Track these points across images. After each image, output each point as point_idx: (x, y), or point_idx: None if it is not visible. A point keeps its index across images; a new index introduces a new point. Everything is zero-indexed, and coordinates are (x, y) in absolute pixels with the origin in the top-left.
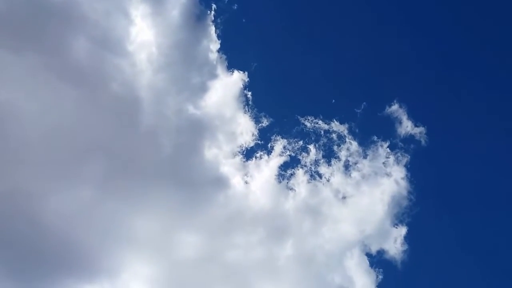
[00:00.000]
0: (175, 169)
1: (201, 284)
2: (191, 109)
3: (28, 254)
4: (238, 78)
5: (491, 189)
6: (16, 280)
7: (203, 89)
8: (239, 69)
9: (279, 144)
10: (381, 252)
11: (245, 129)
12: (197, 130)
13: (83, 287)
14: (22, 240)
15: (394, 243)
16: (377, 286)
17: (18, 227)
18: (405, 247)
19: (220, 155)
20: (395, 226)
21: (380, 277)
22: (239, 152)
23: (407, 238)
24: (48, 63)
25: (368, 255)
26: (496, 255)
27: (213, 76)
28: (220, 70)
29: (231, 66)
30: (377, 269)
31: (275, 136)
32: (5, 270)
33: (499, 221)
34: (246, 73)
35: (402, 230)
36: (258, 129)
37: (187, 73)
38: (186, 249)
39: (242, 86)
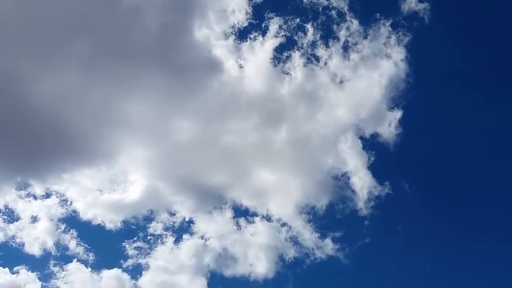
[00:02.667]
0: (164, 51)
1: (197, 168)
2: None
3: (22, 139)
4: None
5: (495, 73)
6: (13, 165)
7: None
8: None
9: (274, 23)
10: (374, 136)
11: (237, 6)
12: (184, 7)
13: (81, 170)
14: (13, 124)
15: (388, 127)
16: (368, 167)
17: (6, 110)
18: (399, 130)
19: (212, 36)
20: (391, 109)
21: (372, 159)
22: (231, 33)
23: (402, 122)
24: None
25: (362, 138)
26: (492, 138)
27: None
28: None
29: None
30: (369, 152)
31: (269, 13)
32: (1, 156)
33: (500, 106)
34: None
35: (397, 114)
36: (252, 6)
37: None
38: (181, 133)
39: None
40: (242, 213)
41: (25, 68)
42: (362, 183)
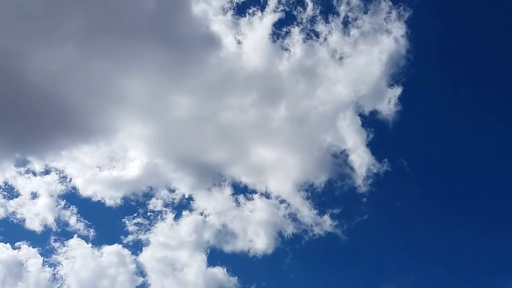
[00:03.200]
0: (161, 26)
1: (196, 145)
2: None
3: (19, 115)
4: None
5: (498, 48)
6: (12, 142)
7: None
8: None
9: None
10: (374, 113)
11: None
12: None
13: (79, 147)
14: (10, 100)
15: (388, 104)
16: (366, 145)
17: (3, 87)
18: (399, 107)
19: (210, 11)
20: (391, 86)
21: (371, 136)
22: (230, 7)
23: (402, 99)
24: None
25: (361, 115)
26: (493, 115)
27: None
28: None
29: None
30: (368, 129)
31: None
32: None
33: (502, 83)
34: None
35: (397, 91)
36: None
37: None
38: (179, 110)
39: None
40: (241, 190)
41: (21, 45)
42: (361, 160)
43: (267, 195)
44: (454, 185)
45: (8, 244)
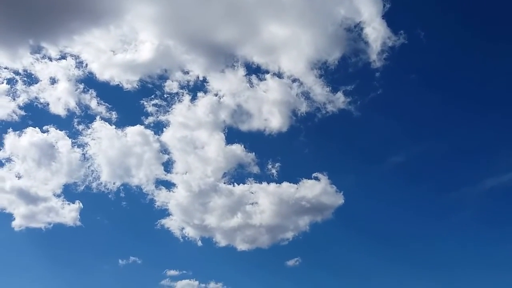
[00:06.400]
0: None
1: (206, 23)
2: None
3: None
4: None
5: None
6: (23, 28)
7: None
8: None
9: None
10: None
11: None
12: None
13: (90, 31)
14: None
15: None
16: (382, 16)
17: None
18: None
19: None
20: None
21: (388, 6)
22: None
23: None
24: None
25: None
26: None
27: None
28: None
29: None
30: None
31: None
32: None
33: None
34: None
35: None
36: None
37: None
38: None
39: None
40: (253, 71)
41: None
42: (376, 33)
43: (279, 75)
44: (474, 55)
45: (37, 128)
